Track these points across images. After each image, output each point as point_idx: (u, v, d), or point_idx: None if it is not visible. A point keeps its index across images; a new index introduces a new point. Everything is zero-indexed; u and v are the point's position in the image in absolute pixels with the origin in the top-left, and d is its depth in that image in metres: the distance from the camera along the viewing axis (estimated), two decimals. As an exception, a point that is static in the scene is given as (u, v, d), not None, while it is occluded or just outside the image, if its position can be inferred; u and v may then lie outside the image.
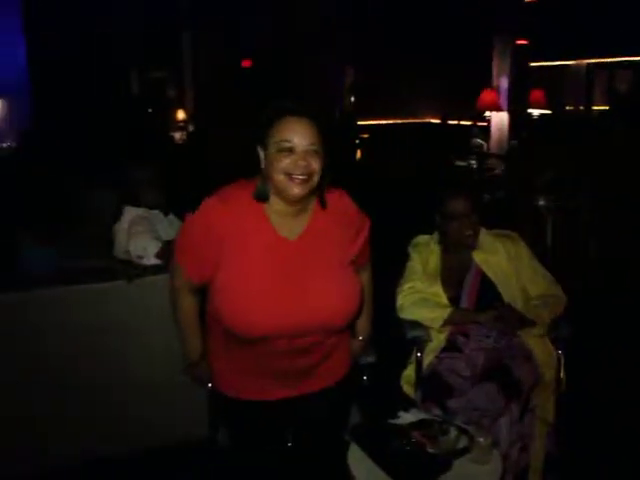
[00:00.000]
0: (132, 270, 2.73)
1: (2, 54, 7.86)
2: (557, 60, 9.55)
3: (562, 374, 2.48)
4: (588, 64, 10.66)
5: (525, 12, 7.82)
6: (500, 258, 2.60)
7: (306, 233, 1.72)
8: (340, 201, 1.80)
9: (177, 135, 10.11)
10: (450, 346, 2.56)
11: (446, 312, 2.51)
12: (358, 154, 9.68)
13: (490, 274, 2.58)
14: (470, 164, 7.34)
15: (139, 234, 2.86)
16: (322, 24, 9.39)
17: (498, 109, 7.60)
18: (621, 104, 7.10)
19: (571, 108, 10.50)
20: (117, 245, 2.99)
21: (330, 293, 1.70)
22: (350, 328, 1.95)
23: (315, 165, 1.62)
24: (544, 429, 2.47)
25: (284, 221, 1.70)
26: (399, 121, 11.25)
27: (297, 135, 1.61)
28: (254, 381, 1.80)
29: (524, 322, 2.47)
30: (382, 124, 11.30)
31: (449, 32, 8.60)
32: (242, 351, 1.75)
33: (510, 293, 2.55)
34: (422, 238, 2.78)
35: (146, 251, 2.80)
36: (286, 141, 1.61)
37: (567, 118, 8.94)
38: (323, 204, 1.74)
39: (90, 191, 3.28)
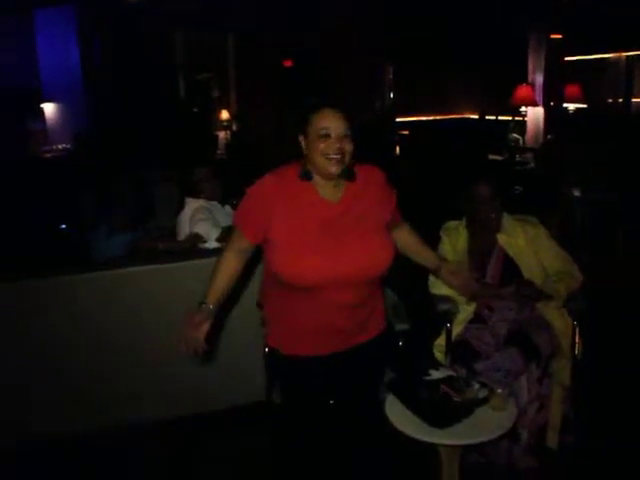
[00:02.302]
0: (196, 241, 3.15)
1: (56, 59, 8.34)
2: (593, 54, 9.62)
3: (578, 342, 2.77)
4: (627, 56, 10.67)
5: (559, 6, 7.96)
6: (521, 240, 2.91)
7: (345, 197, 2.09)
8: (371, 173, 2.18)
9: (221, 134, 10.57)
10: (476, 318, 2.88)
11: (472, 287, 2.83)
12: (397, 150, 9.96)
13: (512, 254, 2.89)
14: (504, 158, 7.56)
15: (201, 221, 3.27)
16: (360, 23, 9.66)
17: (534, 104, 7.78)
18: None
19: (610, 101, 10.56)
20: (180, 232, 3.40)
21: (368, 246, 2.04)
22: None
23: (347, 147, 2.00)
24: (561, 393, 2.77)
25: (326, 190, 2.07)
26: (438, 117, 11.46)
27: (332, 123, 1.99)
28: (309, 336, 2.12)
29: (542, 295, 2.78)
30: (421, 120, 11.53)
31: (485, 28, 8.77)
32: (298, 304, 2.07)
33: (530, 271, 2.86)
34: (452, 223, 3.11)
35: (209, 236, 3.20)
36: (324, 128, 1.99)
37: (603, 112, 9.03)
38: (352, 176, 2.09)
39: (156, 185, 3.69)
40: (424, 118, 11.58)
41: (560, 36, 8.02)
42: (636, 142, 6.60)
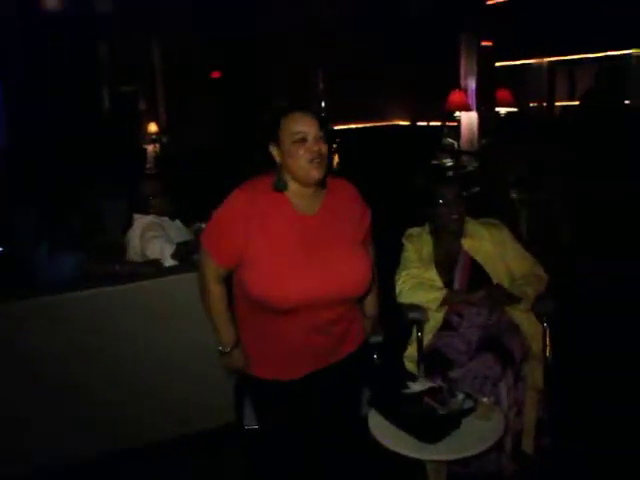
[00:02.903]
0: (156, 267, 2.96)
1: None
2: (520, 59, 9.92)
3: (548, 344, 2.76)
4: (549, 62, 11.07)
5: (487, 13, 8.15)
6: (486, 243, 2.88)
7: (322, 209, 1.98)
8: (345, 187, 2.09)
9: (150, 148, 10.30)
10: (446, 325, 2.83)
11: (442, 294, 2.78)
12: (336, 159, 9.93)
13: (478, 258, 2.85)
14: (443, 163, 7.64)
15: (153, 239, 3.09)
16: (289, 29, 9.60)
17: (467, 109, 7.91)
18: (589, 100, 7.46)
19: (535, 104, 10.91)
20: (131, 250, 3.21)
21: (349, 264, 1.95)
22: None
23: (325, 150, 1.91)
24: (535, 396, 2.74)
25: (302, 202, 1.96)
26: (368, 125, 11.52)
27: (307, 126, 1.89)
28: (286, 359, 2.01)
29: (512, 299, 2.75)
30: (352, 128, 11.56)
31: (415, 34, 8.87)
32: (273, 326, 1.96)
33: (497, 274, 2.83)
34: (414, 230, 3.05)
35: (163, 254, 3.03)
36: (299, 132, 1.88)
37: (533, 115, 9.30)
38: (324, 185, 2.00)
39: (102, 202, 3.48)
40: (353, 126, 11.64)
41: (490, 43, 8.19)
42: (568, 143, 6.82)
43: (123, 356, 2.85)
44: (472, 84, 7.92)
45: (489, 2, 8.21)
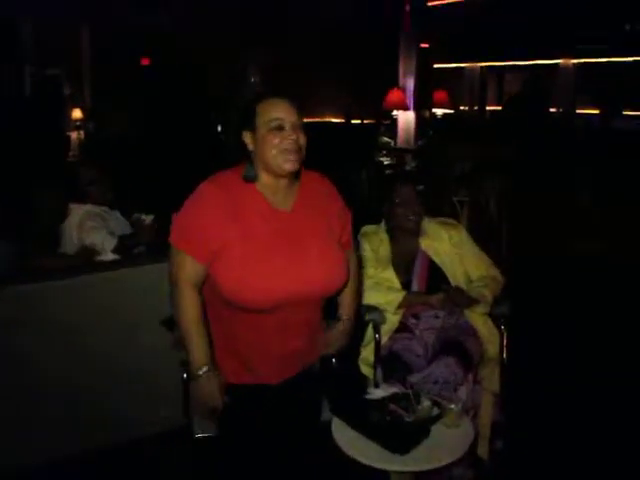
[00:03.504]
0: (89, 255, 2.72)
1: None
2: (455, 62, 10.08)
3: (504, 348, 2.72)
4: (482, 67, 11.32)
5: (427, 15, 8.20)
6: (444, 244, 2.81)
7: (297, 204, 1.86)
8: (321, 181, 1.97)
9: (74, 134, 9.83)
10: (402, 327, 2.74)
11: (400, 295, 2.70)
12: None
13: (436, 259, 2.79)
14: (380, 161, 7.62)
15: (93, 230, 2.86)
16: (221, 20, 9.35)
17: (405, 108, 7.93)
18: (510, 105, 7.67)
19: (465, 108, 11.13)
20: (67, 242, 2.96)
21: (326, 260, 1.83)
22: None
23: (302, 139, 1.79)
24: (490, 399, 2.69)
25: (276, 196, 1.83)
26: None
27: (284, 113, 1.77)
28: (260, 362, 1.87)
29: (471, 301, 2.69)
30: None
31: (351, 32, 8.82)
32: (247, 328, 1.82)
33: (455, 276, 2.78)
34: (369, 228, 2.95)
35: (103, 247, 2.80)
36: (276, 119, 1.75)
37: (468, 117, 9.46)
38: (298, 177, 1.87)
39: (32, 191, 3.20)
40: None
41: (427, 45, 8.25)
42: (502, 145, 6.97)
43: (49, 360, 2.60)
44: (410, 84, 7.93)
45: (430, 3, 8.25)
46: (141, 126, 9.31)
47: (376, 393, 2.20)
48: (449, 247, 2.80)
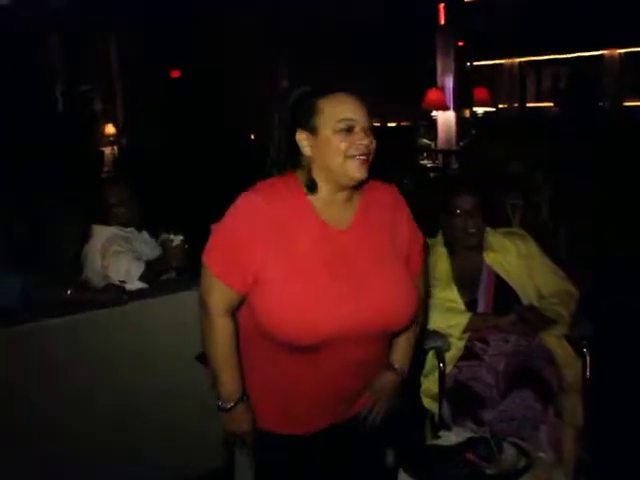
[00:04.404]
0: (117, 295, 2.41)
1: None
2: (491, 59, 9.73)
3: (587, 375, 2.37)
4: (520, 62, 10.92)
5: (463, 11, 7.86)
6: (512, 257, 2.48)
7: (356, 222, 1.56)
8: (388, 191, 1.65)
9: (107, 150, 9.75)
10: (468, 354, 2.41)
11: (465, 318, 2.37)
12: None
13: (504, 275, 2.45)
14: (423, 164, 7.29)
15: (118, 255, 2.58)
16: (251, 27, 9.15)
17: (445, 108, 7.59)
18: (566, 103, 7.28)
19: (505, 106, 10.73)
20: (89, 268, 2.70)
21: (390, 287, 1.53)
22: None
23: (373, 144, 1.50)
24: (572, 434, 2.34)
25: (331, 210, 1.54)
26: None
27: (355, 112, 1.48)
28: (305, 409, 1.59)
29: (547, 322, 2.35)
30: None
31: (385, 33, 8.53)
32: (289, 368, 1.54)
33: (525, 293, 2.44)
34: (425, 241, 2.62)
35: (129, 274, 2.52)
36: (347, 120, 1.47)
37: (509, 115, 9.08)
38: (358, 187, 1.58)
39: (54, 212, 2.95)
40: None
41: (462, 43, 7.89)
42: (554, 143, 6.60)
43: (73, 401, 2.31)
44: (449, 83, 7.57)
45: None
46: (173, 139, 9.17)
47: (448, 438, 1.87)
48: (517, 260, 2.47)
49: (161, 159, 8.22)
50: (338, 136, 1.46)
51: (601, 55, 9.30)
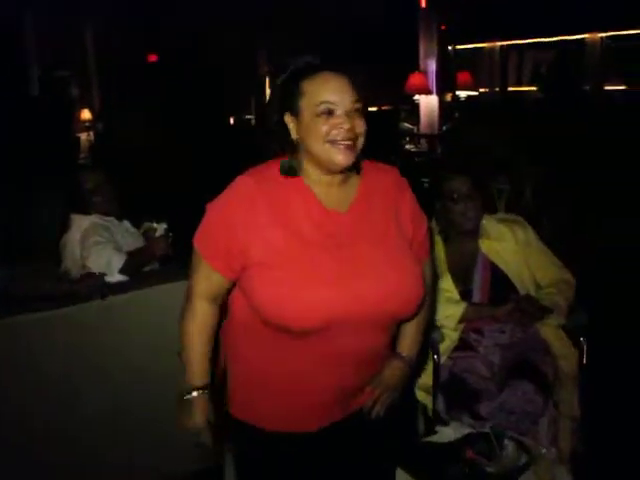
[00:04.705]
0: (96, 288, 2.29)
1: None
2: (474, 43, 9.64)
3: (584, 365, 2.31)
4: (501, 46, 10.85)
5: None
6: (508, 245, 2.41)
7: (357, 203, 1.48)
8: (389, 172, 1.57)
9: (83, 136, 9.57)
10: (462, 345, 2.35)
11: (460, 308, 2.30)
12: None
13: (500, 263, 2.39)
14: (407, 149, 7.21)
15: (97, 246, 2.47)
16: (230, 10, 8.97)
17: (427, 92, 7.51)
18: (549, 87, 7.23)
19: (486, 90, 10.68)
20: (68, 259, 2.58)
21: (395, 271, 1.44)
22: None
23: (360, 128, 1.40)
24: (569, 426, 2.29)
25: (329, 192, 1.46)
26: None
27: (337, 94, 1.38)
28: (300, 404, 1.49)
29: (544, 312, 2.29)
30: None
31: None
32: (288, 357, 1.45)
33: (522, 282, 2.38)
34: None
35: (110, 266, 2.41)
36: (326, 102, 1.38)
37: (495, 99, 9.02)
38: (358, 170, 1.51)
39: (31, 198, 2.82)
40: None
41: (444, 27, 7.80)
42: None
43: (60, 402, 2.20)
44: (432, 66, 7.48)
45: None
46: (151, 125, 8.99)
47: (445, 433, 1.81)
48: (514, 248, 2.40)
49: (140, 145, 8.06)
50: (318, 120, 1.38)
51: (582, 39, 9.27)
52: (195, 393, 1.46)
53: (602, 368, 2.50)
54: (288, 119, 1.43)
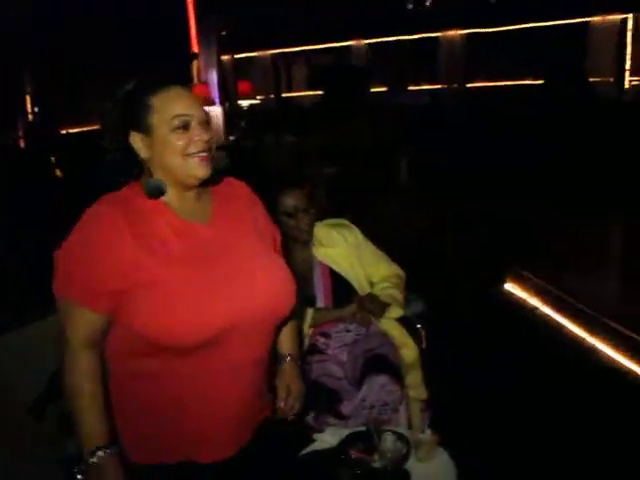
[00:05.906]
0: None
1: None
2: (249, 52, 9.88)
3: (424, 350, 2.49)
4: (272, 55, 11.24)
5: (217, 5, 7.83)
6: (341, 248, 2.51)
7: (216, 215, 1.48)
8: (239, 185, 1.60)
9: None
10: (311, 349, 2.41)
11: (308, 314, 2.35)
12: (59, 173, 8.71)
13: (337, 268, 2.48)
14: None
15: None
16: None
17: (211, 103, 7.50)
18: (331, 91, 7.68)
19: (262, 97, 11.00)
20: None
21: (273, 271, 1.48)
22: None
23: (212, 139, 1.42)
24: (419, 407, 2.45)
25: (186, 207, 1.44)
26: (86, 129, 10.56)
27: (190, 108, 1.38)
28: (201, 428, 1.41)
29: (385, 306, 2.42)
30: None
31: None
32: (185, 375, 1.38)
33: (359, 282, 2.50)
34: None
35: None
36: (182, 115, 1.36)
37: (275, 106, 9.30)
38: (207, 182, 1.48)
39: None
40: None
41: (224, 33, 7.87)
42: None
43: None
44: (213, 76, 7.49)
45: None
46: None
47: (324, 440, 1.84)
48: (346, 251, 2.50)
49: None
50: (175, 134, 1.36)
51: (349, 46, 9.96)
52: (101, 453, 1.33)
53: (442, 351, 2.68)
54: (135, 138, 1.38)
